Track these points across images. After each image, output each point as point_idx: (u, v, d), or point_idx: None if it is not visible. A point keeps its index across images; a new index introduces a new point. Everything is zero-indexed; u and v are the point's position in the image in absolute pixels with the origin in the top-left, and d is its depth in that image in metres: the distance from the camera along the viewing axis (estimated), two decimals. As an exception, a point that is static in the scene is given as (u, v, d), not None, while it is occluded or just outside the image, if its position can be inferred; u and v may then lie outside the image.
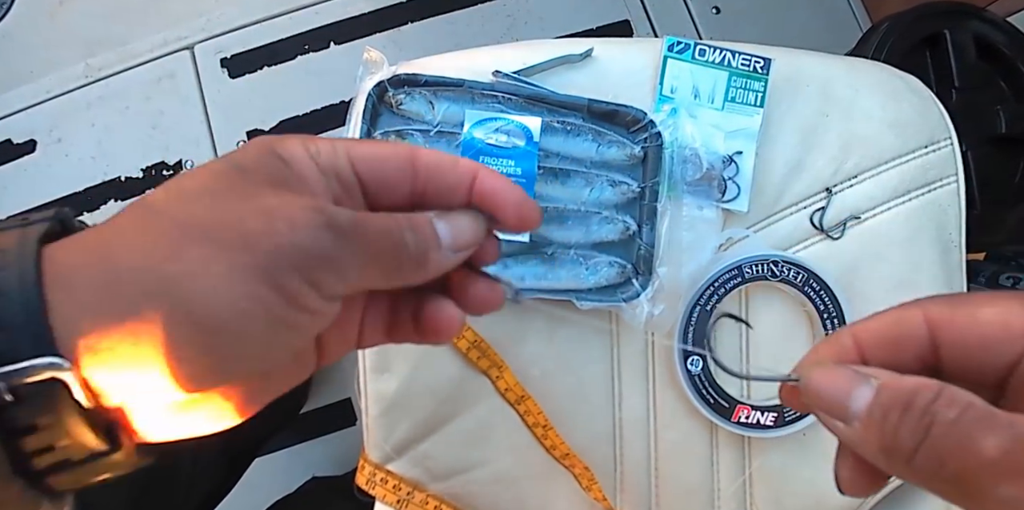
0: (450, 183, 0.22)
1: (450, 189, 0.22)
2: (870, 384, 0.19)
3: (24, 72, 1.15)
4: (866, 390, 0.19)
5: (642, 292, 0.47)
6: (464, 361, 0.49)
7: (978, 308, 0.19)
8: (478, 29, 1.17)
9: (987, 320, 0.19)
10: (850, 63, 0.56)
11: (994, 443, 0.16)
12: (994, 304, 0.19)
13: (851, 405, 0.19)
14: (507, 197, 0.23)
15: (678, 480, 0.52)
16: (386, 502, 0.49)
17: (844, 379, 0.19)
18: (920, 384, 0.18)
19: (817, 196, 0.52)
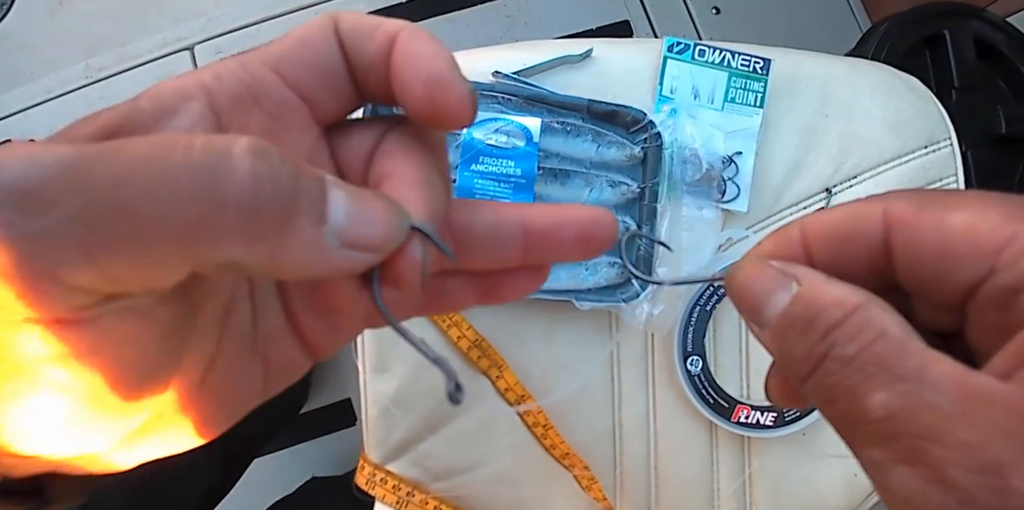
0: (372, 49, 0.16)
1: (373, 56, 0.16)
2: (789, 289, 0.16)
3: (24, 73, 1.15)
4: (783, 296, 0.16)
5: (641, 292, 0.47)
6: (463, 361, 0.49)
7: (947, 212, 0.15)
8: (478, 29, 1.17)
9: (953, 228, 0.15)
10: (850, 63, 0.56)
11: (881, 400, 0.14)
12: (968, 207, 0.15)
13: (766, 310, 0.16)
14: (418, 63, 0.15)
15: (678, 480, 0.52)
16: (386, 502, 0.49)
17: (766, 278, 0.16)
18: (837, 299, 0.15)
19: (817, 196, 0.52)
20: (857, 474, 0.52)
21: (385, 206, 0.14)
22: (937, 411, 0.13)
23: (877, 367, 0.14)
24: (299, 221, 0.13)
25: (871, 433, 0.14)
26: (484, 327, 0.48)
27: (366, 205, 0.14)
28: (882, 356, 0.14)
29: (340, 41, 0.16)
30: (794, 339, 0.15)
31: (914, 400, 0.13)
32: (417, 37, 0.16)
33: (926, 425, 0.13)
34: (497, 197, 0.47)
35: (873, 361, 0.14)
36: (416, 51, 0.15)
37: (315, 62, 0.15)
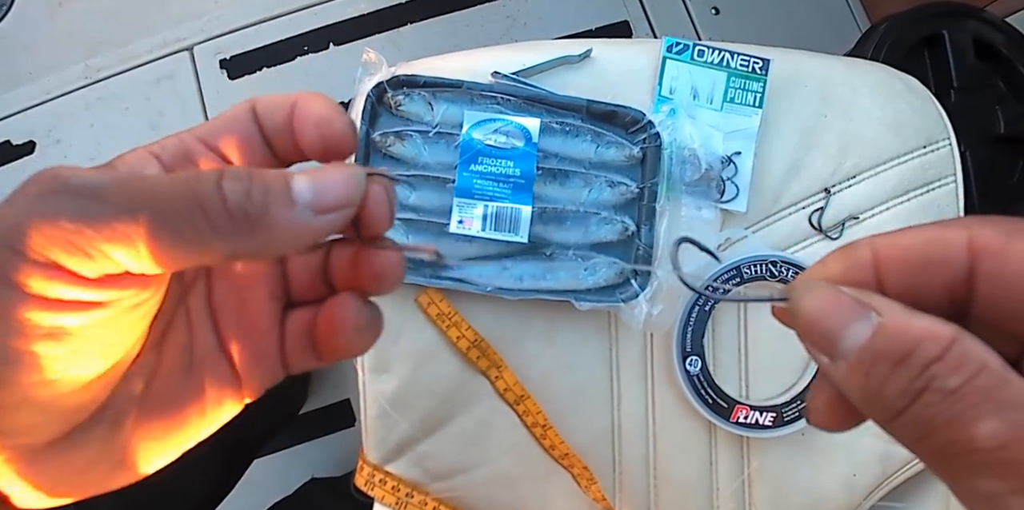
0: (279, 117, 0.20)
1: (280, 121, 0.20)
2: (870, 320, 0.15)
3: (23, 73, 1.15)
4: (864, 326, 0.15)
5: (641, 293, 0.47)
6: (463, 362, 0.49)
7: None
8: (477, 30, 1.17)
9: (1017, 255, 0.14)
10: (849, 63, 0.56)
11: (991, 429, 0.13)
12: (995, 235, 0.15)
13: (841, 342, 0.15)
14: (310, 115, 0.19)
15: (677, 480, 0.52)
16: (385, 503, 0.49)
17: (841, 308, 0.15)
18: (929, 332, 0.14)
19: (816, 196, 0.52)
20: (856, 474, 0.52)
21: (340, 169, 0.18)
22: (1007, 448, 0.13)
23: (982, 397, 0.14)
24: (273, 211, 0.17)
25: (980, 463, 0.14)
26: (483, 327, 0.48)
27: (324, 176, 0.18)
28: (986, 388, 0.14)
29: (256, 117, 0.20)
30: (885, 374, 0.15)
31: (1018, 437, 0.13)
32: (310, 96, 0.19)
33: None
34: (496, 197, 0.47)
35: (977, 392, 0.14)
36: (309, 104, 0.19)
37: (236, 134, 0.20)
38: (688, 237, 0.24)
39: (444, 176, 0.47)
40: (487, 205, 0.47)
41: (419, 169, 0.47)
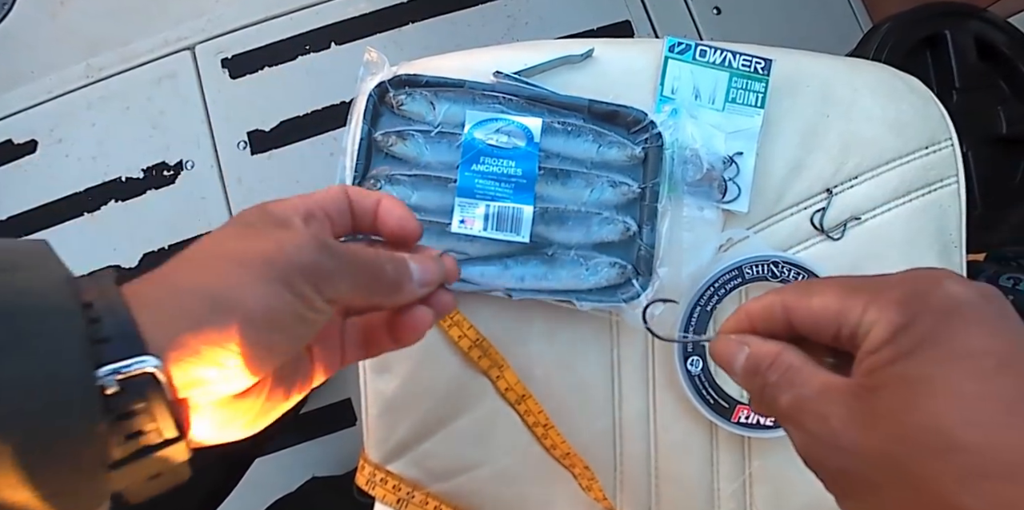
0: (366, 205, 0.30)
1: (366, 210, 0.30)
2: (744, 351, 0.26)
3: (25, 72, 1.15)
4: (741, 356, 0.26)
5: (642, 293, 0.47)
6: (464, 361, 0.49)
7: (811, 297, 0.25)
8: (479, 29, 1.17)
9: (815, 307, 0.24)
10: (851, 64, 0.56)
11: (786, 399, 0.24)
12: (823, 293, 0.24)
13: (734, 366, 0.27)
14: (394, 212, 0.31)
15: (678, 480, 0.52)
16: (386, 502, 0.49)
17: (731, 346, 0.27)
18: (766, 352, 0.25)
19: (818, 197, 0.52)
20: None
21: (433, 259, 0.31)
22: (807, 397, 0.24)
23: (786, 383, 0.24)
24: (404, 283, 0.29)
25: (782, 417, 0.25)
26: (485, 327, 0.48)
27: (424, 263, 0.30)
28: (789, 377, 0.24)
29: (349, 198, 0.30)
30: (751, 379, 0.26)
31: (799, 397, 0.24)
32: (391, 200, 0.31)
33: (802, 407, 0.24)
34: (498, 197, 0.47)
35: (784, 381, 0.25)
36: (392, 206, 0.31)
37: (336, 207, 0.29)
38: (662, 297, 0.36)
39: (446, 176, 0.47)
40: (489, 205, 0.47)
41: (421, 169, 0.47)
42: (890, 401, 0.21)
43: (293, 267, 0.24)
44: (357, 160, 0.47)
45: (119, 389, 0.19)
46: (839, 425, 0.22)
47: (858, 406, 0.22)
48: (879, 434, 0.21)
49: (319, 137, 1.12)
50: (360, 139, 0.47)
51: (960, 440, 0.19)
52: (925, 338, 0.21)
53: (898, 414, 0.21)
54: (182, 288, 0.22)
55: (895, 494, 0.21)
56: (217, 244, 0.25)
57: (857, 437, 0.21)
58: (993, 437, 0.19)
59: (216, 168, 1.11)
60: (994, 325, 0.21)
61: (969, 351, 0.20)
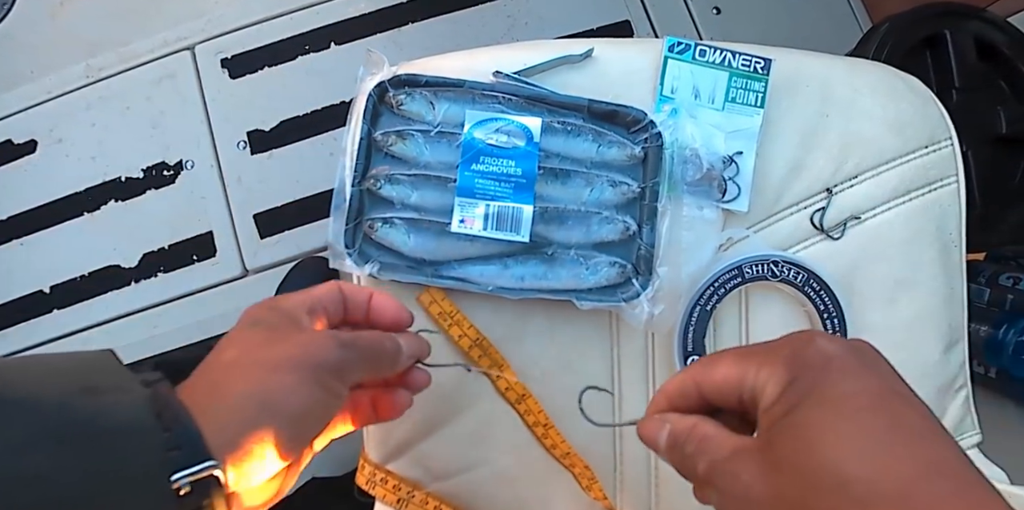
0: (359, 299, 0.36)
1: (359, 304, 0.36)
2: (666, 428, 0.29)
3: (25, 72, 1.15)
4: (664, 433, 0.29)
5: (642, 292, 0.47)
6: (464, 361, 0.49)
7: (714, 369, 0.27)
8: (478, 29, 1.17)
9: (718, 377, 0.27)
10: (850, 63, 0.56)
11: (702, 466, 0.26)
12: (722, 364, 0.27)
13: (659, 443, 0.29)
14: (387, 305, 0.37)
15: (678, 480, 0.51)
16: (386, 502, 0.49)
17: (653, 425, 0.30)
18: (684, 426, 0.28)
19: (817, 196, 0.52)
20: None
21: (418, 339, 0.38)
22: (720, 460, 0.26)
23: (701, 451, 0.27)
24: (401, 357, 0.35)
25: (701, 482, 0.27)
26: (485, 326, 0.48)
27: (411, 341, 0.36)
28: (703, 446, 0.27)
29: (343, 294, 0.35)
30: (673, 452, 0.28)
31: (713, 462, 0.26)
32: (382, 295, 0.37)
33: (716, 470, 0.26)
34: (498, 197, 0.47)
35: (700, 450, 0.27)
36: (385, 303, 0.37)
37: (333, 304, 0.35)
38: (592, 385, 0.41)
39: (446, 175, 0.47)
40: (489, 204, 0.47)
41: (421, 168, 0.47)
42: (787, 449, 0.23)
43: (321, 367, 0.29)
44: (357, 160, 0.47)
45: (190, 490, 0.23)
46: (748, 479, 0.24)
47: (762, 459, 0.24)
48: (782, 481, 0.23)
49: (319, 137, 1.12)
50: (360, 139, 0.47)
51: (848, 474, 0.21)
52: (807, 390, 0.24)
53: (794, 459, 0.23)
54: (232, 395, 0.27)
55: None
56: (250, 352, 0.29)
57: (764, 488, 0.23)
58: (875, 468, 0.21)
59: (216, 168, 1.11)
60: (860, 372, 0.24)
61: (842, 395, 0.23)
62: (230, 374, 0.28)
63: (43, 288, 1.10)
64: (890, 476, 0.21)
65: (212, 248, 1.10)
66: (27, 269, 1.10)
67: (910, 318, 0.52)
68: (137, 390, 0.25)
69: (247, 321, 0.31)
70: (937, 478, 0.21)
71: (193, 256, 1.10)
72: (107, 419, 0.23)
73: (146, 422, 0.24)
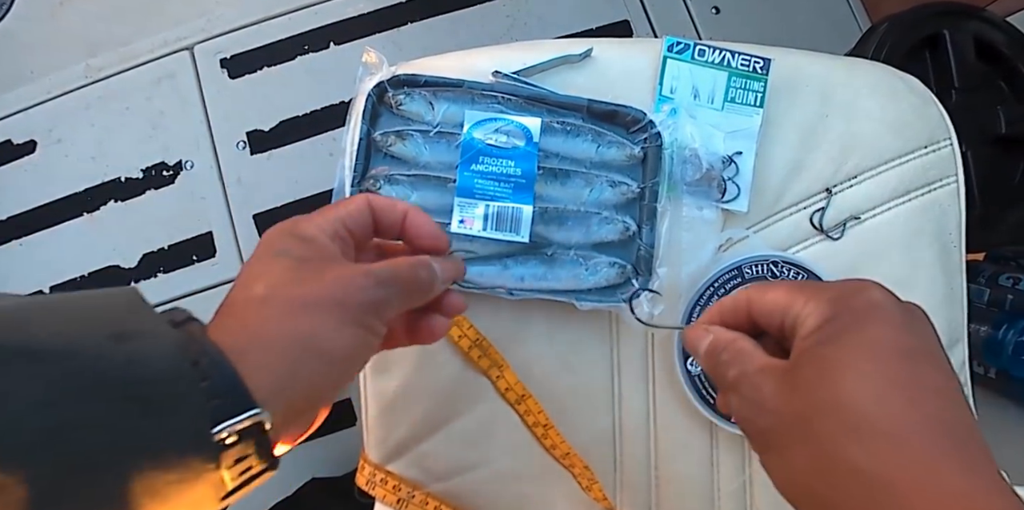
0: (393, 219, 0.33)
1: (393, 223, 0.33)
2: (709, 337, 0.32)
3: (24, 72, 1.15)
4: (706, 340, 0.32)
5: (642, 293, 0.47)
6: (464, 361, 0.49)
7: (767, 293, 0.30)
8: (478, 29, 1.17)
9: (768, 300, 0.30)
10: (850, 63, 0.56)
11: (733, 373, 0.29)
12: (776, 291, 0.30)
13: (699, 348, 0.32)
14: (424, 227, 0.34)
15: (678, 480, 0.52)
16: (386, 502, 0.49)
17: (699, 333, 0.32)
18: (726, 338, 0.31)
19: (817, 196, 0.52)
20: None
21: (454, 262, 0.35)
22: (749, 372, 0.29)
23: (735, 362, 0.30)
24: (435, 283, 0.33)
25: (727, 388, 0.30)
26: (485, 326, 0.48)
27: (447, 265, 0.34)
28: (737, 357, 0.30)
29: (373, 209, 0.33)
30: (710, 358, 0.31)
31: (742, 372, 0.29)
32: (418, 213, 0.34)
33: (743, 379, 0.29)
34: (497, 197, 0.47)
35: (733, 360, 0.30)
36: (422, 222, 0.34)
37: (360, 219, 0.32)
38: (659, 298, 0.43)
39: (445, 176, 0.47)
40: (488, 205, 0.47)
41: (420, 168, 0.47)
42: (809, 374, 0.26)
43: (361, 307, 0.28)
44: (356, 160, 0.47)
45: (237, 439, 0.23)
46: (768, 393, 0.27)
47: (784, 380, 0.27)
48: (795, 400, 0.26)
49: (318, 137, 1.12)
50: (359, 139, 0.47)
51: (855, 407, 0.24)
52: (844, 329, 0.26)
53: (811, 385, 0.25)
54: (270, 337, 0.26)
55: (800, 449, 0.25)
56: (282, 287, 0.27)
57: (779, 402, 0.26)
58: (881, 408, 0.24)
59: (215, 168, 1.11)
60: (900, 325, 0.26)
61: (874, 341, 0.25)
62: (264, 313, 0.26)
63: (43, 288, 1.10)
64: (892, 419, 0.23)
65: (212, 248, 1.10)
66: (27, 269, 1.10)
67: (910, 318, 0.53)
68: (169, 335, 0.24)
69: (269, 250, 0.29)
70: (936, 432, 0.23)
71: (193, 256, 1.10)
72: (143, 369, 0.22)
73: (182, 370, 0.23)
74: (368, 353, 0.29)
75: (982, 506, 0.22)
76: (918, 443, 0.23)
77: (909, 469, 0.22)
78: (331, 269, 0.29)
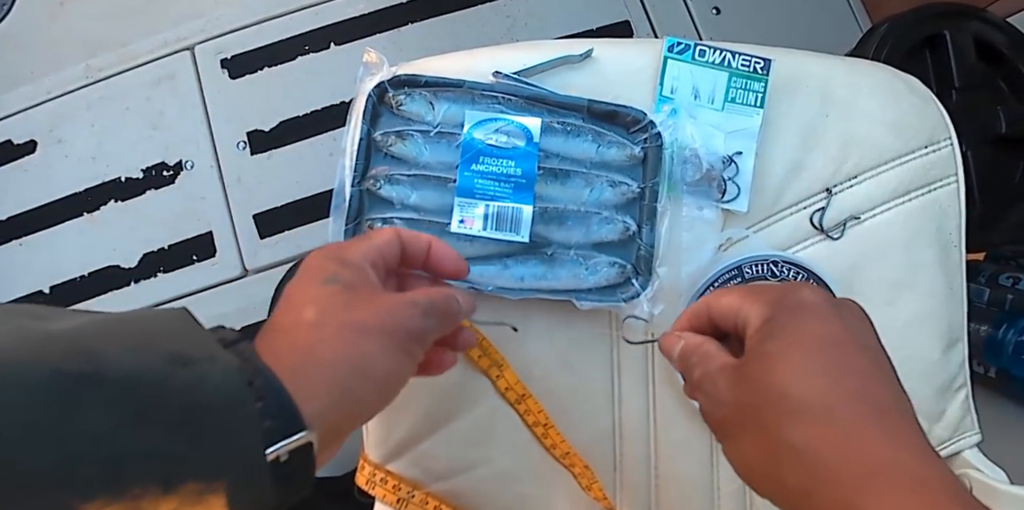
0: (419, 249, 0.36)
1: (419, 253, 0.36)
2: (680, 343, 0.34)
3: (24, 73, 1.15)
4: (678, 346, 0.34)
5: (642, 292, 0.47)
6: (463, 361, 0.49)
7: (720, 298, 0.33)
8: (478, 30, 1.17)
9: (723, 304, 0.33)
10: (850, 64, 0.56)
11: (697, 373, 0.32)
12: (730, 296, 0.33)
13: (673, 354, 0.35)
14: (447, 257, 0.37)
15: (678, 480, 0.52)
16: (386, 502, 0.49)
17: (672, 340, 0.35)
18: (694, 343, 0.34)
19: (817, 196, 0.52)
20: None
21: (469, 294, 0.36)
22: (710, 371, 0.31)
23: (700, 363, 0.32)
24: (461, 318, 0.35)
25: (693, 387, 0.33)
26: (485, 326, 0.48)
27: (465, 298, 0.35)
28: (703, 360, 0.32)
29: (401, 241, 0.35)
30: (681, 362, 0.34)
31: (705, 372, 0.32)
32: (441, 244, 0.37)
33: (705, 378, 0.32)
34: (498, 197, 0.47)
35: (699, 362, 0.32)
36: (444, 252, 0.37)
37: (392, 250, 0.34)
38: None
39: (445, 176, 0.47)
40: (488, 205, 0.47)
41: (420, 169, 0.47)
42: (754, 369, 0.29)
43: (407, 335, 0.30)
44: (356, 160, 0.47)
45: (288, 458, 0.24)
46: (723, 388, 0.30)
47: (736, 376, 0.30)
48: (744, 390, 0.29)
49: (319, 137, 1.12)
50: (359, 139, 0.47)
51: (790, 392, 0.27)
52: (780, 326, 0.29)
53: (757, 377, 0.29)
54: (322, 359, 0.27)
55: (750, 435, 0.28)
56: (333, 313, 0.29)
57: (732, 396, 0.30)
58: (812, 390, 0.27)
59: (216, 168, 1.11)
60: (828, 319, 0.29)
61: (804, 334, 0.29)
62: (316, 336, 0.28)
63: (43, 288, 1.10)
64: (821, 398, 0.27)
65: (212, 248, 1.10)
66: (27, 269, 1.10)
67: (910, 318, 0.52)
68: (225, 359, 0.25)
69: (318, 276, 0.30)
70: (860, 404, 0.26)
71: (193, 256, 1.10)
72: (202, 394, 0.23)
73: (239, 393, 0.24)
74: (406, 377, 0.31)
75: (905, 472, 0.24)
76: (841, 418, 0.26)
77: (835, 443, 0.25)
78: (379, 297, 0.31)
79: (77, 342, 0.23)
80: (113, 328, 0.24)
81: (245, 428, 0.24)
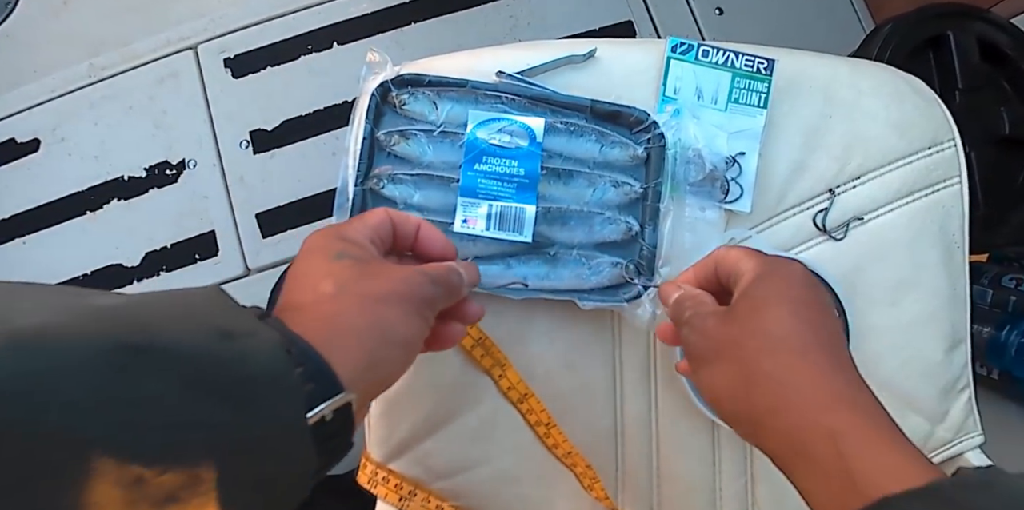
0: (408, 230, 0.37)
1: (408, 234, 0.37)
2: (679, 291, 0.39)
3: (28, 71, 1.15)
4: (676, 293, 0.39)
5: (644, 292, 0.47)
6: (466, 360, 0.49)
7: (728, 253, 0.38)
8: (481, 29, 1.17)
9: (729, 258, 0.38)
10: (853, 64, 0.56)
11: (688, 314, 0.37)
12: (736, 251, 0.38)
13: (669, 299, 0.39)
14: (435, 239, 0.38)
15: (680, 480, 0.52)
16: (388, 501, 0.49)
17: (671, 288, 0.40)
18: (692, 293, 0.38)
19: (820, 197, 0.52)
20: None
21: (471, 266, 0.38)
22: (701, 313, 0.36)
23: (692, 306, 0.37)
24: (463, 286, 0.36)
25: (681, 323, 0.37)
26: (487, 326, 0.48)
27: (468, 270, 0.37)
28: (695, 304, 0.37)
29: (392, 222, 0.36)
30: (675, 307, 0.39)
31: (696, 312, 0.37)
32: (429, 227, 0.38)
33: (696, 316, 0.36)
34: (501, 197, 0.47)
35: (692, 306, 0.37)
36: (432, 234, 0.38)
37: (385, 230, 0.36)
38: None
39: (448, 175, 0.47)
40: (491, 204, 0.47)
41: (423, 168, 0.47)
42: (741, 311, 0.34)
43: (421, 301, 0.32)
44: (360, 159, 0.47)
45: (332, 417, 0.26)
46: (711, 325, 0.35)
47: (724, 316, 0.35)
48: (730, 329, 0.34)
49: (321, 136, 1.12)
50: (363, 138, 0.47)
51: (770, 330, 0.33)
52: (769, 282, 0.35)
53: (742, 318, 0.34)
54: (351, 326, 0.29)
55: (729, 364, 0.33)
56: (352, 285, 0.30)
57: (718, 331, 0.35)
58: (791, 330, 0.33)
59: (218, 167, 1.12)
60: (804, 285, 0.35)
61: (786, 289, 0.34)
62: (338, 307, 0.29)
63: (46, 287, 1.10)
64: (798, 338, 0.32)
65: (214, 247, 1.10)
66: (29, 268, 1.10)
67: (913, 319, 0.52)
68: (266, 332, 0.26)
69: (326, 254, 0.32)
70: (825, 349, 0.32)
71: (195, 255, 1.10)
72: (248, 365, 0.24)
73: (282, 364, 0.25)
74: (422, 340, 0.33)
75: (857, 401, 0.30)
76: (813, 356, 0.32)
77: (807, 373, 0.31)
78: (389, 268, 0.33)
79: (127, 316, 0.23)
80: (157, 305, 0.25)
81: (290, 395, 0.25)
